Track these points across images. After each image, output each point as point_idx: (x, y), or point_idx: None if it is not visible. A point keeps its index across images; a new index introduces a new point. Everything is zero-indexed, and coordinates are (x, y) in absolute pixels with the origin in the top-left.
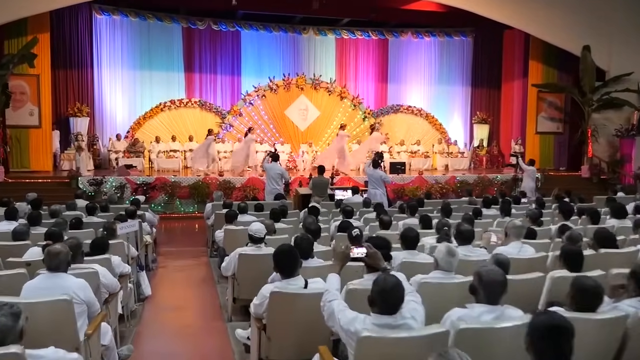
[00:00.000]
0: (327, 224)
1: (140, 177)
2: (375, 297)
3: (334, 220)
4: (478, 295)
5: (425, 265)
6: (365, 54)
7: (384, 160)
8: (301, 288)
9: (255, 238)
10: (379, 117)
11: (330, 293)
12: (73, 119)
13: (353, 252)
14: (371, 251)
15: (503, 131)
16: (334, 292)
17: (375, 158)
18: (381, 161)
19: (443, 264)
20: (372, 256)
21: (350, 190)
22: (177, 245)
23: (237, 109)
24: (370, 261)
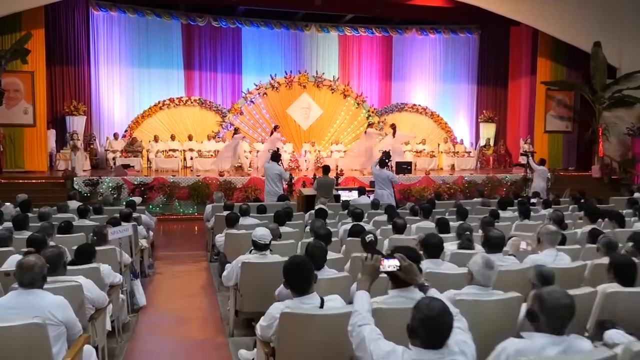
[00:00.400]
0: (334, 228)
1: (138, 178)
2: (417, 326)
3: (342, 223)
4: (538, 322)
5: (451, 276)
6: (369, 52)
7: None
8: (317, 308)
9: (260, 244)
10: (383, 116)
11: (361, 316)
12: (69, 118)
13: (383, 264)
14: (405, 264)
15: (510, 130)
16: (364, 314)
17: (383, 157)
18: (388, 161)
19: (479, 278)
20: (407, 270)
21: (357, 190)
22: (176, 249)
23: (237, 108)
24: (404, 276)
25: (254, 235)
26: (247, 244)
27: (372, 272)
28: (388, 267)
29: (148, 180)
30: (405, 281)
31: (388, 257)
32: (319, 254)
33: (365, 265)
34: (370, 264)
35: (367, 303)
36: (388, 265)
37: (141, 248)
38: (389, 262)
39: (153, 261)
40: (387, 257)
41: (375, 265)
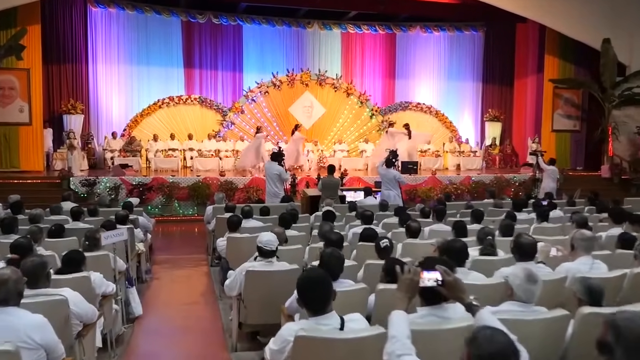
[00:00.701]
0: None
1: (136, 178)
2: None
3: (350, 226)
4: (613, 356)
5: (482, 288)
6: (372, 49)
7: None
8: (336, 330)
9: (266, 251)
10: (387, 115)
11: (399, 343)
12: (67, 117)
13: (422, 278)
14: (450, 279)
15: (516, 129)
16: (404, 341)
17: (389, 157)
18: (395, 160)
19: (521, 293)
20: (452, 286)
21: (362, 191)
22: (175, 252)
23: (238, 106)
24: (448, 293)
25: (259, 241)
26: (251, 249)
27: (411, 288)
28: (428, 281)
29: (147, 181)
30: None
31: (428, 270)
32: (335, 264)
33: (402, 279)
34: (409, 277)
35: (406, 327)
36: (428, 279)
37: (138, 252)
38: (429, 276)
39: (151, 266)
40: (428, 269)
41: (414, 279)
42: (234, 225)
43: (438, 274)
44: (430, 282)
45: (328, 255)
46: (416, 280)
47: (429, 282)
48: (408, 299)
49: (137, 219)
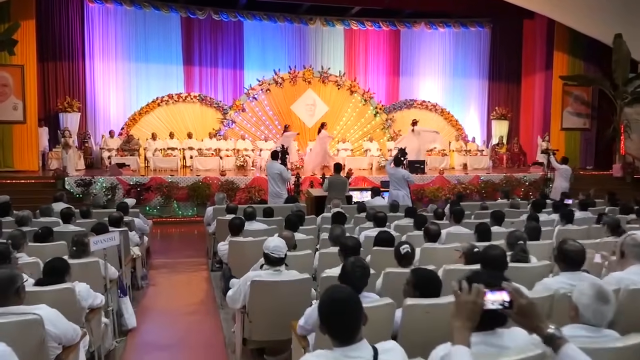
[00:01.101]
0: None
1: (134, 177)
2: None
3: (361, 229)
4: None
5: None
6: (376, 46)
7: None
8: None
9: (274, 258)
10: (391, 113)
11: None
12: (63, 115)
13: (487, 299)
14: (523, 301)
15: (523, 127)
16: None
17: (398, 155)
18: (404, 159)
19: (589, 315)
20: (526, 310)
21: (369, 191)
22: (173, 256)
23: (239, 104)
24: (520, 319)
25: (265, 247)
26: (254, 254)
27: (474, 314)
28: (492, 303)
29: (145, 181)
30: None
31: (493, 289)
32: (360, 276)
33: (460, 302)
34: (470, 299)
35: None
36: (492, 301)
37: (133, 257)
38: (494, 297)
39: (147, 271)
40: (494, 289)
41: (478, 302)
42: (237, 228)
43: (505, 294)
44: (495, 304)
45: (351, 266)
46: (479, 304)
47: (494, 304)
48: (470, 329)
49: (133, 221)
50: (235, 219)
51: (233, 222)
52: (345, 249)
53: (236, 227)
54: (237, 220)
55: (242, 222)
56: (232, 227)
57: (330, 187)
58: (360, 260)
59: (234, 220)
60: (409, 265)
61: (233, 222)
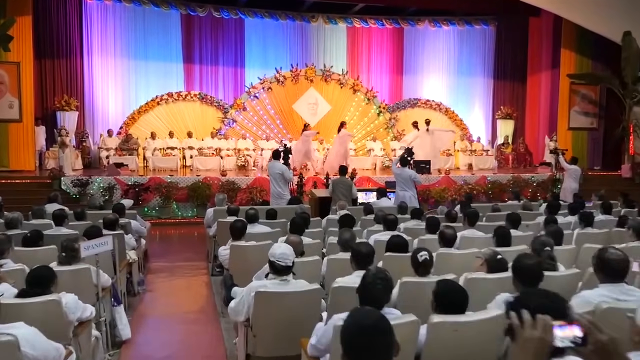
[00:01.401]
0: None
1: (132, 177)
2: None
3: (369, 232)
4: None
5: None
6: (379, 44)
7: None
8: None
9: (280, 267)
10: (395, 112)
11: None
12: (60, 114)
13: (556, 335)
14: (605, 339)
15: (529, 127)
16: None
17: (404, 155)
18: (410, 158)
19: None
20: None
21: (375, 192)
22: (172, 259)
23: (240, 103)
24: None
25: (271, 254)
26: (258, 259)
27: (542, 352)
28: (562, 340)
29: (143, 181)
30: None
31: (562, 325)
32: (382, 289)
33: (526, 337)
34: (536, 336)
35: None
36: (563, 338)
37: (129, 262)
38: (563, 332)
39: (144, 275)
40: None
41: (546, 338)
42: (238, 232)
43: (577, 329)
44: (565, 341)
45: (372, 277)
46: (548, 340)
47: (564, 341)
48: None
49: (129, 224)
50: (236, 222)
51: (234, 225)
52: (358, 256)
53: (238, 231)
54: (238, 223)
55: (244, 225)
56: (233, 230)
57: (335, 189)
58: (382, 272)
59: (236, 224)
60: (427, 273)
61: (234, 225)
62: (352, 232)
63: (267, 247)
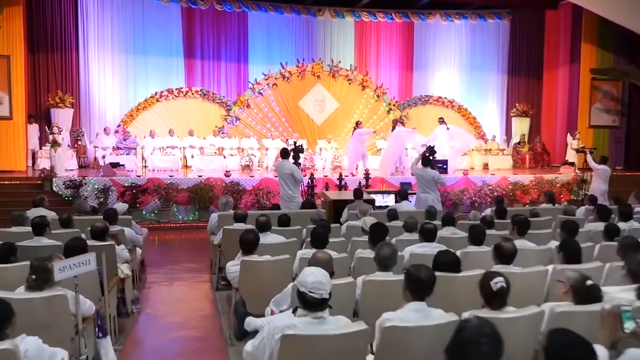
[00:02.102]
0: None
1: (129, 178)
2: None
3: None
4: None
5: None
6: (388, 39)
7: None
8: None
9: (314, 300)
10: (406, 110)
11: None
12: (54, 111)
13: None
14: None
15: (545, 125)
16: None
17: (426, 154)
18: (433, 157)
19: None
20: None
21: (392, 194)
22: (172, 269)
23: (244, 100)
24: None
25: (302, 283)
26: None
27: None
28: None
29: (141, 182)
30: None
31: None
32: (491, 354)
33: None
34: None
35: None
36: None
37: (121, 277)
38: None
39: (139, 291)
40: None
41: None
42: (250, 245)
43: None
44: None
45: (475, 333)
46: None
47: None
48: None
49: (122, 232)
50: (248, 234)
51: (246, 237)
52: (416, 284)
53: (250, 244)
54: (250, 235)
55: (256, 238)
56: (244, 243)
57: (356, 191)
58: (486, 324)
59: (247, 236)
60: (502, 305)
61: (246, 238)
62: (393, 247)
63: (284, 263)
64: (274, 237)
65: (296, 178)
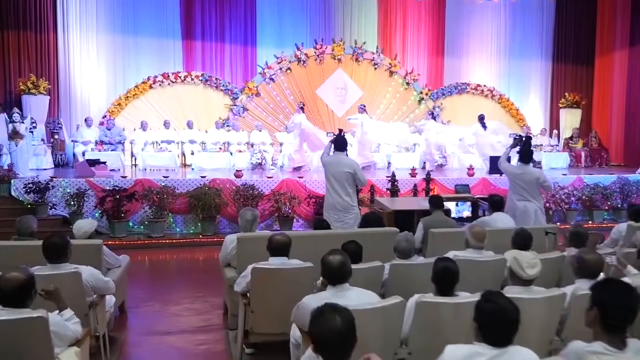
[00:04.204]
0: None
1: (112, 180)
2: None
3: None
4: None
5: None
6: (416, 20)
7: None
8: None
9: None
10: (439, 100)
11: None
12: (26, 98)
13: None
14: None
15: (597, 118)
16: None
17: (523, 144)
18: (532, 151)
19: None
20: None
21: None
22: (164, 314)
23: (253, 87)
24: None
25: None
26: None
27: None
28: None
29: (127, 184)
30: None
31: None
32: None
33: None
34: None
35: None
36: None
37: None
38: None
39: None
40: None
41: None
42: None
43: None
44: None
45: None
46: None
47: None
48: None
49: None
50: (330, 314)
51: (327, 327)
52: None
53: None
54: (337, 320)
55: (350, 322)
56: (323, 338)
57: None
58: None
59: (330, 325)
60: None
61: (328, 328)
62: None
63: None
64: (360, 295)
65: (360, 180)
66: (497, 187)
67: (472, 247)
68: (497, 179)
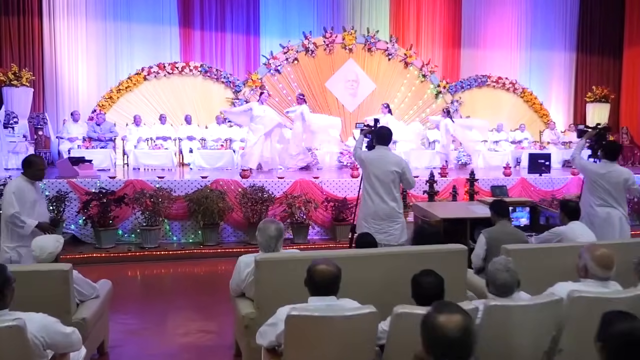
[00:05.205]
0: None
1: (98, 181)
2: None
3: None
4: None
5: None
6: (431, 9)
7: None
8: None
9: None
10: (457, 93)
11: None
12: (8, 90)
13: None
14: None
15: (626, 113)
16: None
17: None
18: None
19: None
20: None
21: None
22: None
23: (257, 79)
24: None
25: None
26: None
27: None
28: None
29: (116, 186)
30: None
31: None
32: None
33: None
34: None
35: None
36: None
37: None
38: None
39: None
40: None
41: None
42: None
43: None
44: None
45: None
46: None
47: None
48: None
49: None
50: None
51: None
52: None
53: None
54: None
55: None
56: None
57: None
58: None
59: None
60: None
61: None
62: None
63: None
64: None
65: (408, 182)
66: (537, 188)
67: (593, 276)
68: (538, 180)
